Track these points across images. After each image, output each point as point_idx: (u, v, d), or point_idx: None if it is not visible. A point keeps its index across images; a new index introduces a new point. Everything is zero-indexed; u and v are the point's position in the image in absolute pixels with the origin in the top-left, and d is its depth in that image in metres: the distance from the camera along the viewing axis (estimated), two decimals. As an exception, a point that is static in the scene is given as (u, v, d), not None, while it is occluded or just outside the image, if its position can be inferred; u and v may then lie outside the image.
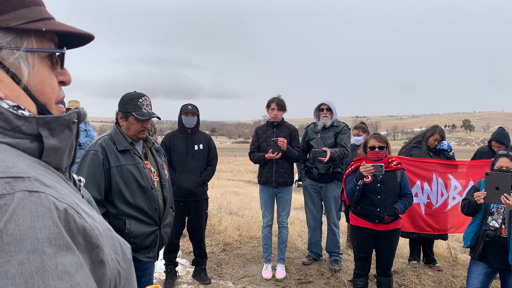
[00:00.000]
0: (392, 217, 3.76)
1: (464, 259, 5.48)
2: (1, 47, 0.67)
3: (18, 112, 0.66)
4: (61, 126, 0.71)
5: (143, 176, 2.64)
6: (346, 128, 5.10)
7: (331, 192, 5.06)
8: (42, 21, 0.72)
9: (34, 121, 0.67)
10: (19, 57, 0.69)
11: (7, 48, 0.68)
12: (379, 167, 3.62)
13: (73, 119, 0.74)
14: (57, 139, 0.70)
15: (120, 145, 2.64)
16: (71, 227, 0.59)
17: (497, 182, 3.26)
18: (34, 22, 0.70)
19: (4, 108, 0.64)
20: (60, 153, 0.72)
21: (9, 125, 0.64)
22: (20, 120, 0.65)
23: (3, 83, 0.68)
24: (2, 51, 0.67)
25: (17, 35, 0.69)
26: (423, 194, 5.18)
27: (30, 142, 0.66)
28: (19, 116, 0.65)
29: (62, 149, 0.72)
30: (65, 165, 0.75)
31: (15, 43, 0.69)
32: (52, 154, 0.69)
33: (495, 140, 5.12)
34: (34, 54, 0.72)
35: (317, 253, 5.38)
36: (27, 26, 0.69)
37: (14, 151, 0.63)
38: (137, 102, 2.67)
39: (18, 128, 0.65)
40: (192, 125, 4.40)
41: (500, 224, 3.41)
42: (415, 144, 5.39)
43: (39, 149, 0.68)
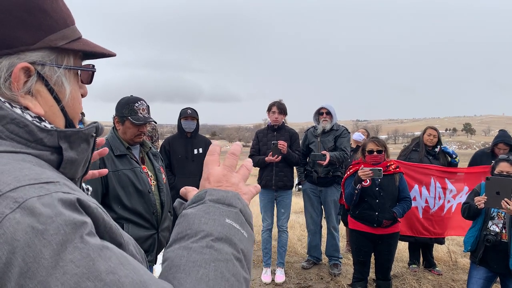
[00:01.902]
0: (391, 221, 3.76)
1: (464, 263, 5.46)
2: (46, 63, 0.71)
3: (41, 124, 0.69)
4: (80, 140, 0.74)
5: (140, 180, 2.64)
6: (345, 132, 5.11)
7: (331, 196, 5.05)
8: (78, 41, 0.78)
9: (56, 134, 0.70)
10: (60, 75, 0.74)
11: (51, 65, 0.72)
12: (378, 171, 3.62)
13: (91, 133, 0.78)
14: (75, 152, 0.73)
15: (116, 150, 2.65)
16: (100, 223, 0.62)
17: (497, 186, 3.25)
18: (73, 42, 0.76)
19: (29, 121, 0.67)
20: (76, 165, 0.75)
21: (33, 137, 0.67)
22: (43, 133, 0.68)
23: (44, 100, 0.72)
24: (46, 67, 0.72)
25: (60, 54, 0.74)
26: (421, 198, 5.17)
27: (51, 154, 0.69)
28: (42, 128, 0.68)
29: (79, 161, 0.75)
30: (79, 176, 0.78)
31: (57, 61, 0.74)
32: (69, 166, 0.72)
33: (503, 142, 4.96)
34: (70, 72, 0.77)
35: (316, 257, 5.37)
36: (69, 46, 0.75)
37: (38, 161, 0.66)
38: (133, 106, 2.68)
39: (41, 140, 0.68)
40: (191, 129, 4.40)
41: (500, 229, 3.40)
42: (414, 147, 5.40)
43: (58, 160, 0.71)
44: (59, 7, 0.74)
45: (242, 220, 0.73)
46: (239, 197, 0.75)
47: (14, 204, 0.53)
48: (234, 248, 0.67)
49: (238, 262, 0.66)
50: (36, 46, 0.69)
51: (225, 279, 0.62)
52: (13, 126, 0.65)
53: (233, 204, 0.73)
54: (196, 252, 0.65)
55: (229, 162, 0.82)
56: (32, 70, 0.69)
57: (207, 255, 0.64)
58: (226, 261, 0.65)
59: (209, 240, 0.66)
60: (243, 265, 0.67)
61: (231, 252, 0.66)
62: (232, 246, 0.67)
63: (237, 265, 0.65)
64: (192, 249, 0.65)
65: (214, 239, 0.67)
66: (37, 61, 0.70)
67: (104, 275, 0.52)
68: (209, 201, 0.73)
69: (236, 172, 0.83)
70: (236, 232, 0.70)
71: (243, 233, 0.71)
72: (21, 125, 0.66)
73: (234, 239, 0.68)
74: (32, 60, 0.69)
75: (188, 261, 0.64)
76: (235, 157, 0.83)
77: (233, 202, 0.73)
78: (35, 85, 0.70)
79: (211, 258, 0.64)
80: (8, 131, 0.65)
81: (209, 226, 0.68)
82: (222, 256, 0.65)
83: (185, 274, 0.61)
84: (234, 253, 0.67)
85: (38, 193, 0.56)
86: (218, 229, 0.68)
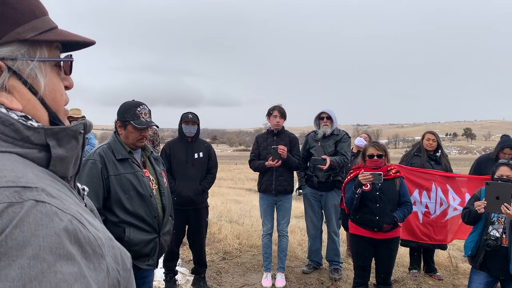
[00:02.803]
0: (391, 225, 3.76)
1: (465, 268, 5.45)
2: (16, 57, 0.69)
3: (27, 123, 0.68)
4: (68, 137, 0.73)
5: (141, 184, 2.65)
6: (346, 137, 5.12)
7: (331, 201, 5.05)
8: (51, 31, 0.75)
9: (43, 132, 0.69)
10: (34, 68, 0.72)
11: (22, 59, 0.70)
12: (378, 175, 3.62)
13: (79, 130, 0.76)
14: (64, 149, 0.72)
15: (118, 154, 2.66)
16: (79, 236, 0.60)
17: (497, 191, 3.26)
18: (45, 33, 0.73)
19: (14, 119, 0.66)
20: (67, 163, 0.74)
21: (19, 136, 0.66)
22: (30, 131, 0.67)
23: (21, 94, 0.71)
24: (17, 61, 0.70)
25: (31, 46, 0.72)
26: (421, 203, 5.16)
27: (38, 152, 0.69)
28: (28, 126, 0.67)
29: (69, 158, 0.74)
30: (71, 174, 0.78)
31: (29, 53, 0.71)
32: (59, 164, 0.71)
33: (510, 147, 4.91)
34: (46, 63, 0.75)
35: (317, 262, 5.36)
36: (40, 37, 0.72)
37: (23, 161, 0.65)
38: (135, 110, 2.69)
39: (28, 138, 0.67)
40: (192, 133, 4.41)
41: (500, 234, 3.40)
42: (415, 152, 5.41)
43: (47, 158, 0.70)
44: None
45: None
46: None
47: None
48: None
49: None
50: (2, 40, 0.68)
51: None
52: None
53: None
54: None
55: None
56: (2, 66, 0.68)
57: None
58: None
59: None
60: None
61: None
62: None
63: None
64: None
65: None
66: (7, 56, 0.68)
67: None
68: None
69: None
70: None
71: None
72: (6, 123, 0.65)
73: None
74: (1, 56, 0.68)
75: None
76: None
77: None
78: (9, 80, 0.69)
79: None
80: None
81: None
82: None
83: None
84: None
85: (10, 200, 0.56)
86: None
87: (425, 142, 5.29)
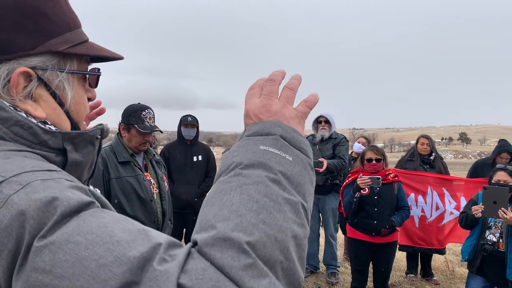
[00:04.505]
0: (389, 229, 3.77)
1: (461, 273, 5.47)
2: (47, 68, 0.71)
3: (45, 127, 0.69)
4: (85, 142, 0.75)
5: (142, 188, 2.64)
6: (344, 140, 5.13)
7: (329, 204, 5.06)
8: (83, 44, 0.76)
9: (60, 136, 0.70)
10: (63, 80, 0.73)
11: (52, 69, 0.72)
12: (376, 179, 3.63)
13: (96, 135, 0.78)
14: (80, 154, 0.74)
15: (120, 157, 2.65)
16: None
17: (494, 196, 3.27)
18: (77, 46, 0.75)
19: (33, 123, 0.67)
20: (82, 167, 0.75)
21: (37, 139, 0.67)
22: (47, 135, 0.68)
23: (47, 103, 0.72)
24: (47, 72, 0.71)
25: (62, 58, 0.73)
26: (417, 207, 5.16)
27: (55, 156, 0.70)
28: (46, 130, 0.68)
29: (84, 163, 0.75)
30: (85, 178, 0.79)
31: (59, 65, 0.73)
32: (74, 168, 0.72)
33: (507, 151, 4.91)
34: (74, 76, 0.76)
35: (314, 266, 5.36)
36: (72, 50, 0.74)
37: (43, 159, 0.67)
38: (140, 114, 2.69)
39: (45, 142, 0.68)
40: (191, 136, 4.41)
41: (497, 238, 3.41)
42: (409, 157, 5.43)
43: (63, 163, 0.71)
44: (62, 11, 0.73)
45: (282, 144, 0.64)
46: (279, 124, 0.67)
47: (18, 186, 0.54)
48: (269, 171, 0.60)
49: (273, 183, 0.58)
50: (36, 51, 0.69)
51: (253, 200, 0.55)
52: (17, 128, 0.66)
53: (272, 132, 0.65)
54: (222, 183, 0.60)
55: (267, 90, 0.72)
56: (32, 75, 0.69)
57: (233, 183, 0.59)
58: (256, 184, 0.58)
59: (238, 169, 0.61)
60: (282, 187, 0.59)
61: (264, 175, 0.59)
62: (266, 169, 0.60)
63: (271, 186, 0.58)
64: (219, 183, 0.61)
65: (243, 166, 0.61)
66: (38, 66, 0.70)
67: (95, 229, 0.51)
68: (245, 136, 0.67)
69: (279, 97, 0.73)
70: (272, 156, 0.62)
71: (284, 156, 0.63)
72: (25, 127, 0.66)
73: (270, 163, 0.61)
74: (33, 65, 0.69)
75: (214, 194, 0.59)
76: (274, 83, 0.73)
77: (272, 130, 0.66)
78: (36, 89, 0.70)
79: (237, 184, 0.58)
80: (12, 133, 0.65)
81: (239, 157, 0.63)
82: (251, 180, 0.58)
83: (210, 206, 0.57)
84: (269, 175, 0.59)
85: (42, 177, 0.57)
86: (249, 156, 0.62)
87: (419, 146, 5.31)
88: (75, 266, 0.47)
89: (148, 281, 0.46)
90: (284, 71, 0.76)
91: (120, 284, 0.46)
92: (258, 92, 0.73)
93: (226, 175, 0.61)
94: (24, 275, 0.48)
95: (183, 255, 0.50)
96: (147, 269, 0.47)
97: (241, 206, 0.54)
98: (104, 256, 0.48)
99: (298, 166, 0.63)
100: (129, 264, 0.47)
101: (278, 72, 0.75)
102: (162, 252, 0.50)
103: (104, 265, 0.47)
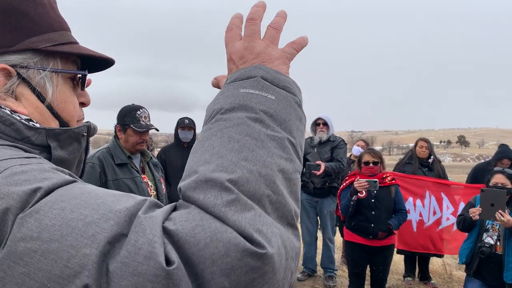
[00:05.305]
0: (386, 233, 3.76)
1: (459, 276, 5.46)
2: (29, 66, 0.71)
3: (29, 123, 0.68)
4: (70, 139, 0.73)
5: (140, 190, 2.65)
6: (342, 143, 5.13)
7: (327, 207, 5.05)
8: (68, 45, 0.76)
9: (44, 133, 0.69)
10: (44, 77, 0.72)
11: (34, 68, 0.71)
12: (373, 182, 3.63)
13: (82, 133, 0.76)
14: (65, 151, 0.72)
15: (117, 159, 2.66)
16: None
17: (492, 198, 3.27)
18: (61, 45, 0.74)
19: (16, 119, 0.67)
20: (68, 165, 0.73)
21: (20, 135, 0.67)
22: (31, 131, 0.68)
23: (28, 101, 0.71)
24: (29, 70, 0.71)
25: (44, 56, 0.73)
26: (415, 211, 5.15)
27: (39, 153, 0.68)
28: (29, 127, 0.68)
29: (70, 161, 0.74)
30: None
31: (42, 63, 0.72)
32: (59, 166, 0.70)
33: (508, 157, 4.87)
34: (58, 75, 0.75)
35: (311, 269, 5.35)
36: (54, 48, 0.73)
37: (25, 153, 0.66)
38: (135, 114, 2.70)
39: (28, 138, 0.67)
40: (188, 139, 4.40)
41: (495, 241, 3.41)
42: (407, 160, 5.43)
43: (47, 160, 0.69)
44: (45, 12, 0.73)
45: (264, 84, 0.63)
46: (260, 66, 0.66)
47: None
48: (250, 111, 0.60)
49: (255, 122, 0.58)
50: (15, 48, 0.69)
51: (234, 140, 0.56)
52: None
53: (252, 75, 0.64)
54: (204, 131, 0.61)
55: (249, 31, 0.70)
56: (12, 72, 0.68)
57: (214, 128, 0.59)
58: (237, 125, 0.58)
59: (218, 115, 0.61)
60: (265, 125, 0.59)
61: (245, 115, 0.59)
62: (247, 110, 0.60)
63: (252, 125, 0.58)
64: (202, 132, 0.62)
65: (224, 111, 0.61)
66: (19, 63, 0.69)
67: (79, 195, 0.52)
68: (226, 84, 0.67)
69: (263, 37, 0.71)
70: (253, 97, 0.61)
71: (265, 95, 0.62)
72: (7, 123, 0.66)
73: (250, 103, 0.60)
74: (13, 63, 0.69)
75: (197, 143, 0.60)
76: (255, 22, 0.70)
77: (252, 73, 0.65)
78: (18, 87, 0.70)
79: (218, 129, 0.58)
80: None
81: (220, 103, 0.63)
82: (231, 123, 0.58)
83: (193, 154, 0.58)
84: (250, 115, 0.59)
85: (21, 162, 0.57)
86: (229, 100, 0.62)
87: (418, 149, 5.31)
88: (62, 228, 0.48)
89: (134, 227, 0.47)
90: (264, 5, 0.73)
91: (109, 237, 0.46)
92: (238, 34, 0.72)
93: (207, 124, 0.62)
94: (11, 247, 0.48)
95: (169, 207, 0.52)
96: (134, 220, 0.48)
97: (222, 148, 0.55)
98: (90, 215, 0.48)
99: (281, 104, 0.63)
100: (116, 219, 0.48)
101: (257, 9, 0.72)
102: (147, 206, 0.51)
103: (91, 222, 0.48)
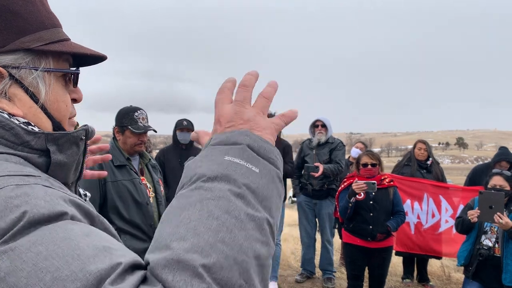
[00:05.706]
0: (385, 234, 3.76)
1: (457, 278, 5.46)
2: (21, 66, 0.70)
3: (28, 127, 0.68)
4: (69, 143, 0.73)
5: (138, 192, 2.65)
6: (341, 145, 5.13)
7: (326, 209, 5.05)
8: (59, 43, 0.75)
9: (43, 137, 0.69)
10: (37, 77, 0.72)
11: (26, 68, 0.70)
12: (372, 184, 3.63)
13: (81, 136, 0.76)
14: (64, 155, 0.72)
15: (116, 160, 2.66)
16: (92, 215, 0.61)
17: (490, 200, 3.27)
18: (52, 44, 0.73)
19: (15, 124, 0.66)
20: (67, 169, 0.74)
21: (19, 140, 0.66)
22: (30, 135, 0.67)
23: (22, 102, 0.71)
24: (21, 70, 0.70)
25: (36, 55, 0.72)
26: (413, 213, 5.14)
27: (38, 157, 0.68)
28: (29, 131, 0.67)
29: (69, 165, 0.74)
30: (71, 180, 0.77)
31: (34, 63, 0.72)
32: (58, 169, 0.71)
33: (506, 160, 4.83)
34: (51, 74, 0.74)
35: (310, 271, 5.34)
36: (46, 47, 0.72)
37: (23, 161, 0.66)
38: (133, 115, 2.71)
39: (27, 143, 0.67)
40: (186, 141, 4.40)
41: (493, 243, 3.41)
42: (406, 162, 5.42)
43: (46, 164, 0.70)
44: (36, 10, 0.72)
45: (249, 154, 0.61)
46: (247, 133, 0.64)
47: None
48: (233, 184, 0.57)
49: (237, 198, 0.56)
50: (6, 48, 0.68)
51: (213, 217, 0.53)
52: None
53: (238, 141, 0.62)
54: (182, 197, 0.58)
55: (240, 97, 0.69)
56: (4, 73, 0.68)
57: (193, 197, 0.56)
58: (218, 199, 0.55)
59: (199, 181, 0.58)
60: (246, 201, 0.56)
61: (227, 188, 0.56)
62: (230, 183, 0.57)
63: (234, 201, 0.55)
64: (179, 196, 0.59)
65: (206, 179, 0.58)
66: (10, 64, 0.69)
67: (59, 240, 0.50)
68: (211, 145, 0.64)
69: (253, 105, 0.70)
70: (237, 167, 0.59)
71: (250, 167, 0.60)
72: (6, 127, 0.65)
73: (234, 175, 0.58)
74: (4, 63, 0.68)
75: (173, 209, 0.57)
76: (247, 89, 0.70)
77: (238, 139, 0.63)
78: (10, 88, 0.69)
79: (197, 199, 0.56)
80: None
81: (202, 168, 0.60)
82: (212, 194, 0.56)
83: (167, 222, 0.55)
84: (232, 189, 0.57)
85: (17, 182, 0.56)
86: (213, 167, 0.59)
87: (417, 151, 5.31)
88: (30, 276, 0.47)
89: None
90: (257, 74, 0.73)
91: None
92: (229, 98, 0.71)
93: (188, 188, 0.59)
94: None
95: (138, 278, 0.49)
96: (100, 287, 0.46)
97: (199, 224, 0.52)
98: (60, 269, 0.47)
99: (265, 178, 0.61)
100: (83, 281, 0.46)
101: (250, 77, 0.72)
102: (119, 272, 0.48)
103: (58, 278, 0.46)
